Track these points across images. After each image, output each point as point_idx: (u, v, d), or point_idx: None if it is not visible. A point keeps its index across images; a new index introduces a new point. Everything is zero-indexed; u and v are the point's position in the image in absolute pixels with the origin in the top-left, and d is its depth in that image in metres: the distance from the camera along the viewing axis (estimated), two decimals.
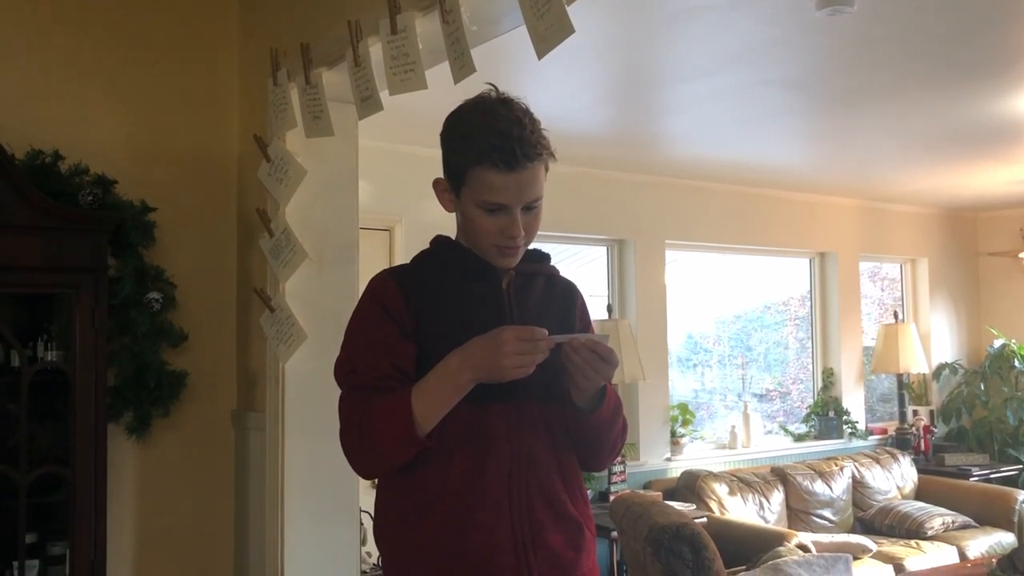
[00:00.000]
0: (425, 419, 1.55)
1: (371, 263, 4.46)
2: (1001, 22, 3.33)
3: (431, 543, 1.59)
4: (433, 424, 1.56)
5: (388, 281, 1.69)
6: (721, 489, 5.50)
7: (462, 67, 2.01)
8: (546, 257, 1.80)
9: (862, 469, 6.28)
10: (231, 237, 3.43)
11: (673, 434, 6.00)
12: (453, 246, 1.73)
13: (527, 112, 1.62)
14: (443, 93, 2.33)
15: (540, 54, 1.79)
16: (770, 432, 6.76)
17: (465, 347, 1.54)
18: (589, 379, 1.57)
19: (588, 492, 1.80)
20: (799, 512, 5.85)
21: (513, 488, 1.61)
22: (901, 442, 6.84)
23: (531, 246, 1.75)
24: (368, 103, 2.37)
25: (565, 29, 1.73)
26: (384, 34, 2.23)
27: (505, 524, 1.59)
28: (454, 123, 1.66)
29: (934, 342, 7.46)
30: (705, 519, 5.06)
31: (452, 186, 1.66)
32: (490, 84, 1.66)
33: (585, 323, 1.81)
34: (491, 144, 1.57)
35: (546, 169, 1.64)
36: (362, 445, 1.60)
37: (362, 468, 1.66)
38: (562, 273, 1.85)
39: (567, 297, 1.80)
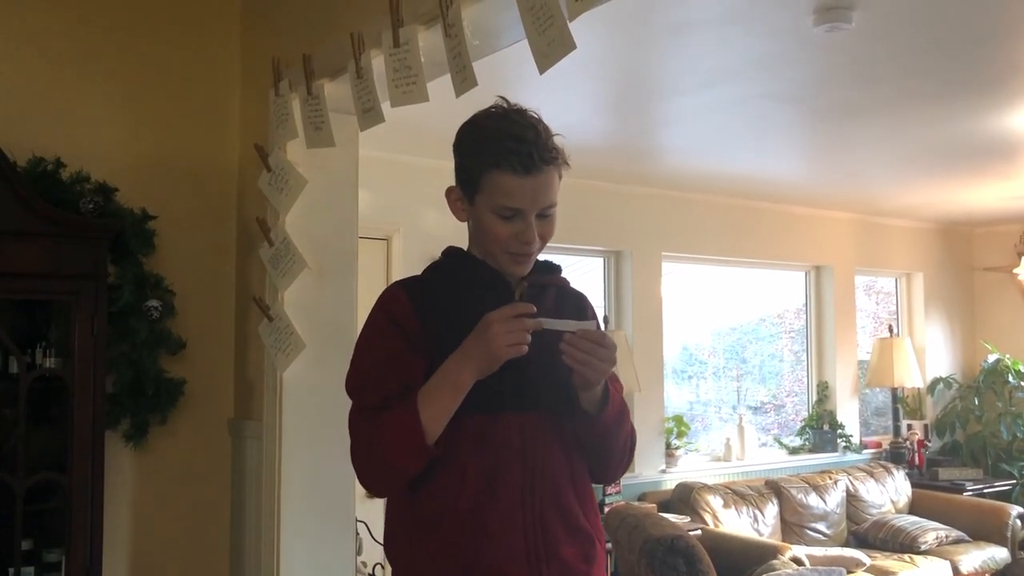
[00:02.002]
0: (432, 423, 1.55)
1: (369, 272, 4.49)
2: (997, 39, 3.36)
3: (443, 554, 1.59)
4: (440, 429, 1.56)
5: (399, 293, 1.69)
6: (716, 501, 5.51)
7: (464, 80, 2.03)
8: (557, 268, 1.80)
9: (856, 483, 6.29)
10: (230, 246, 3.44)
11: (668, 446, 6.01)
12: (465, 257, 1.73)
13: (540, 120, 1.64)
14: (442, 104, 2.35)
15: (542, 69, 1.81)
16: (765, 445, 6.77)
17: (461, 347, 1.56)
18: (594, 368, 1.56)
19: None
20: (793, 525, 5.86)
21: (526, 499, 1.61)
22: (895, 456, 6.86)
23: (542, 258, 1.76)
24: (370, 115, 2.39)
25: (567, 45, 1.74)
26: (386, 46, 2.25)
27: (518, 535, 1.59)
28: (468, 131, 1.67)
29: (929, 356, 7.49)
30: (699, 531, 5.06)
31: (466, 193, 1.66)
32: (501, 97, 1.67)
33: None
34: (507, 148, 1.58)
35: (560, 177, 1.65)
36: (371, 461, 1.61)
37: (374, 485, 1.66)
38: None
39: (578, 308, 1.80)
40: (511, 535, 1.59)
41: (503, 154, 1.58)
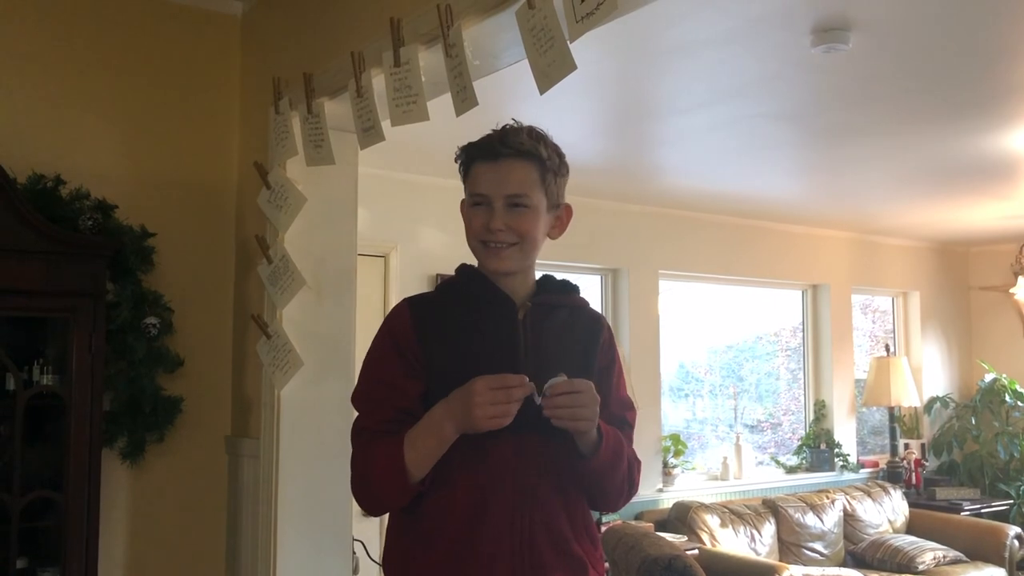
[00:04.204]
0: (416, 467, 1.57)
1: (367, 290, 4.49)
2: (993, 60, 3.38)
3: (434, 571, 1.61)
4: (425, 470, 1.58)
5: (404, 312, 1.70)
6: (713, 521, 5.49)
7: (464, 100, 2.03)
8: (573, 288, 1.79)
9: (853, 502, 6.28)
10: (229, 263, 3.43)
11: (665, 464, 5.99)
12: (473, 275, 1.73)
13: (536, 130, 1.69)
14: (442, 123, 2.36)
15: (542, 89, 1.81)
16: (761, 463, 6.76)
17: (448, 398, 1.56)
18: (582, 416, 1.55)
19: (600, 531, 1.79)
20: (790, 545, 5.84)
21: (516, 523, 1.61)
22: (892, 475, 6.85)
23: (559, 276, 1.77)
24: (370, 133, 2.40)
25: (567, 65, 1.75)
26: (387, 66, 2.26)
27: (505, 556, 1.59)
28: None
29: (925, 375, 7.49)
30: (697, 551, 5.05)
31: (465, 198, 1.72)
32: (513, 119, 1.73)
33: (609, 357, 1.77)
34: (482, 139, 1.68)
35: (543, 180, 1.67)
36: (363, 490, 1.65)
37: (369, 510, 1.69)
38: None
39: (592, 330, 1.77)
40: (498, 556, 1.59)
41: (478, 146, 1.68)
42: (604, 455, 1.63)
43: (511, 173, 1.64)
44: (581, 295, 1.81)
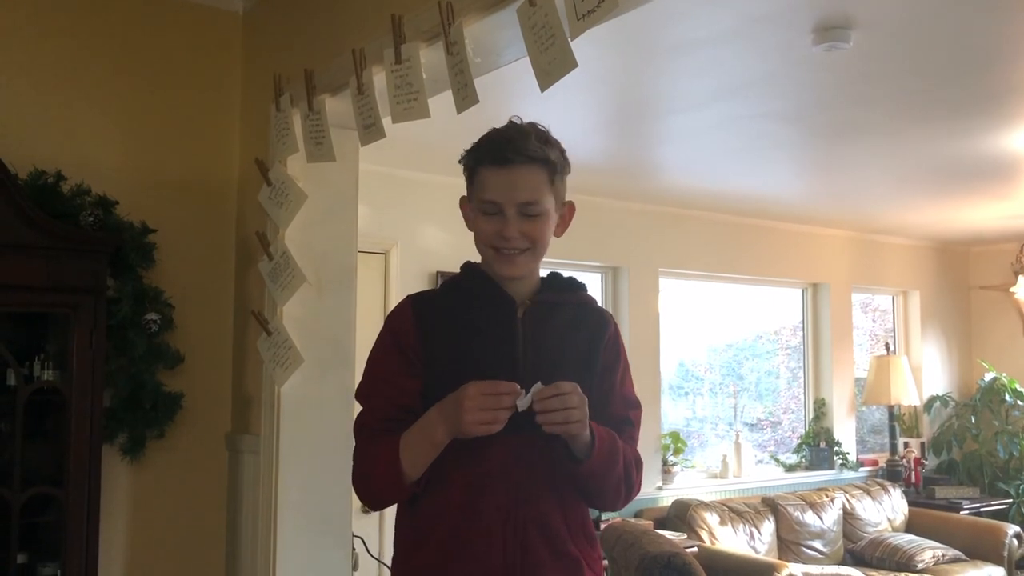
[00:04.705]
0: (411, 467, 1.59)
1: (367, 287, 4.49)
2: (994, 60, 3.38)
3: (428, 567, 1.62)
4: (420, 472, 1.59)
5: (406, 309, 1.71)
6: (712, 519, 5.50)
7: (465, 98, 2.03)
8: (579, 286, 1.78)
9: (853, 501, 6.29)
10: (229, 260, 3.44)
11: (665, 462, 6.00)
12: (475, 273, 1.73)
13: (538, 128, 1.68)
14: (442, 120, 2.36)
15: (543, 87, 1.81)
16: (761, 462, 6.76)
17: (443, 401, 1.56)
18: (574, 418, 1.52)
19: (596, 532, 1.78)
20: (790, 543, 5.85)
21: (510, 522, 1.60)
22: (892, 474, 6.85)
23: (567, 274, 1.77)
24: (371, 130, 2.40)
25: (568, 63, 1.75)
26: (388, 63, 2.26)
27: (497, 554, 1.59)
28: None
29: (925, 374, 7.49)
30: (696, 549, 5.05)
31: (469, 199, 1.71)
32: (516, 116, 1.72)
33: (613, 355, 1.75)
34: (490, 143, 1.65)
35: (552, 183, 1.66)
36: (363, 488, 1.67)
37: (369, 505, 1.71)
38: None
39: (596, 328, 1.75)
40: (490, 553, 1.60)
41: (485, 149, 1.65)
42: (597, 457, 1.61)
43: (522, 179, 1.62)
44: (588, 292, 1.79)
